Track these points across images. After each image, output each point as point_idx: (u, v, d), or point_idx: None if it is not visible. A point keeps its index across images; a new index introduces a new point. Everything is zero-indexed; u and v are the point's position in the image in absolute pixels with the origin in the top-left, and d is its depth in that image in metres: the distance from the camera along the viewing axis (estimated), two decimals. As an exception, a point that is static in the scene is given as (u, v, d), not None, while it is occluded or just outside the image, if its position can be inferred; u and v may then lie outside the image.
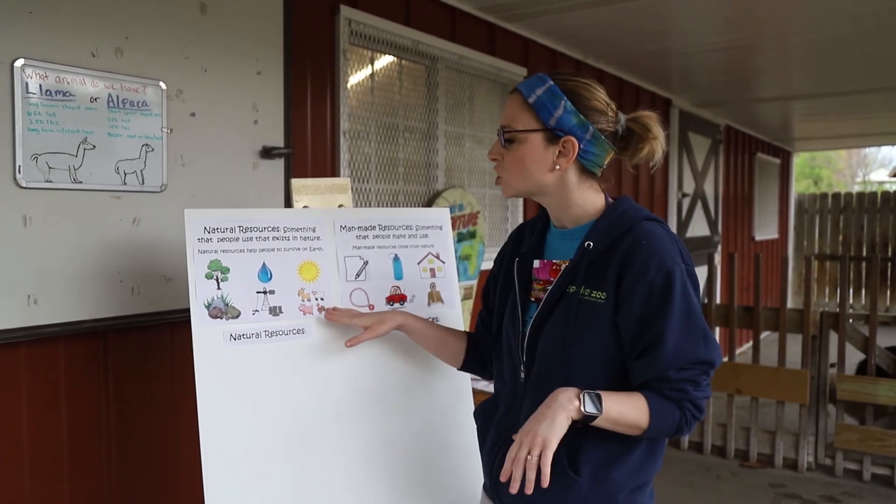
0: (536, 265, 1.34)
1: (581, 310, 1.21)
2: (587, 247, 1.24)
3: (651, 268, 1.17)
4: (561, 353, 1.23)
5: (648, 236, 1.20)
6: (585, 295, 1.22)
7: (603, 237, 1.23)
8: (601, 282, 1.21)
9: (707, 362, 1.18)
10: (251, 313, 1.66)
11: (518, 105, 1.27)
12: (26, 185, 1.74)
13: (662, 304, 1.16)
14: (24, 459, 1.81)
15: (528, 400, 1.29)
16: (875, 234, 10.06)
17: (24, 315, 1.76)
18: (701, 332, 1.18)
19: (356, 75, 2.83)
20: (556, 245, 1.34)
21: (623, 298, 1.18)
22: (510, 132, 1.27)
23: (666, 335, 1.15)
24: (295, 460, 1.64)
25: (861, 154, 23.76)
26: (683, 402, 1.18)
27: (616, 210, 1.27)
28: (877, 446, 3.78)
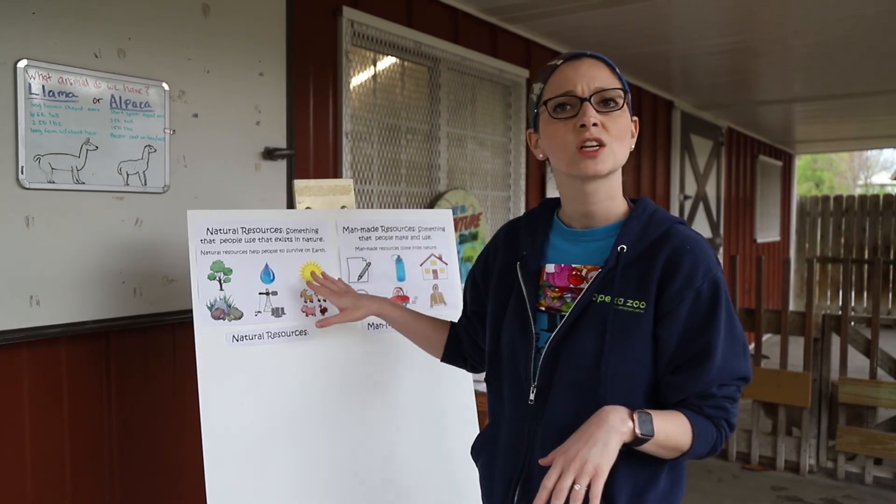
0: (551, 269, 1.19)
1: (617, 321, 1.08)
2: (621, 251, 1.11)
3: (698, 274, 1.07)
4: (595, 371, 1.08)
5: (692, 241, 1.11)
6: (620, 305, 1.09)
7: (637, 240, 1.12)
8: (640, 290, 1.09)
9: (745, 378, 1.11)
10: (254, 314, 1.66)
11: (608, 70, 1.13)
12: (29, 186, 1.74)
13: (710, 315, 1.07)
14: (25, 460, 1.81)
15: (543, 427, 1.14)
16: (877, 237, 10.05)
17: (26, 316, 1.76)
18: (742, 345, 1.11)
19: (358, 76, 2.83)
20: (567, 247, 1.20)
21: (667, 307, 1.07)
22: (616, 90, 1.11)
23: (714, 348, 1.06)
24: (297, 461, 1.64)
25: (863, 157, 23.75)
26: (721, 421, 1.10)
27: (645, 211, 1.16)
28: (878, 449, 3.77)
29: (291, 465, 1.63)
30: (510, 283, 1.24)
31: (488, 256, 1.33)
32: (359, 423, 1.72)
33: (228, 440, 1.58)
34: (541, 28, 3.72)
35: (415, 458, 1.77)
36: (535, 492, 1.09)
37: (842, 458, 3.92)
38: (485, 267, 1.33)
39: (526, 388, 1.16)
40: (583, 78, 1.11)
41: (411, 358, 1.83)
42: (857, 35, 3.91)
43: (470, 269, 1.40)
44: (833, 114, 6.80)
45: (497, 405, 1.25)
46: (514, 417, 1.19)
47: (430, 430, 1.80)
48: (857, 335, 4.00)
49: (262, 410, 1.62)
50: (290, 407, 1.66)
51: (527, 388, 1.16)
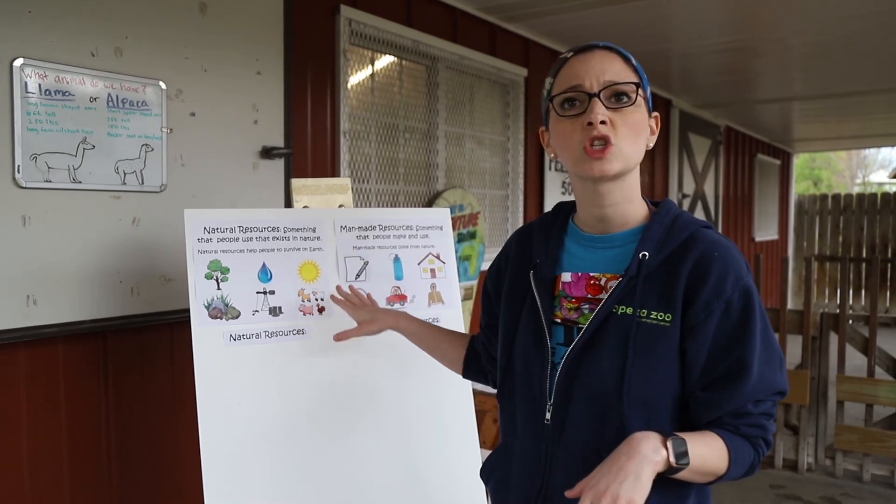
0: (567, 278, 1.10)
1: (640, 335, 1.00)
2: (643, 258, 1.02)
3: (728, 283, 0.99)
4: (618, 389, 1.00)
5: (720, 247, 1.02)
6: (643, 317, 1.00)
7: (660, 246, 1.03)
8: (665, 301, 1.00)
9: (782, 392, 1.02)
10: (251, 314, 1.65)
11: (622, 63, 1.05)
12: (26, 185, 1.73)
13: (742, 327, 0.99)
14: (23, 460, 1.81)
15: (563, 449, 1.05)
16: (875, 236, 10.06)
17: (23, 315, 1.75)
18: (778, 357, 1.02)
19: (356, 75, 2.82)
20: (584, 254, 1.11)
21: (695, 319, 0.99)
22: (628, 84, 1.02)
23: (749, 363, 0.98)
24: (294, 460, 1.64)
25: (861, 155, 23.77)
26: (758, 440, 1.01)
27: (669, 214, 1.07)
28: (877, 447, 3.77)
29: (289, 463, 1.63)
30: (523, 292, 1.14)
31: (500, 265, 1.24)
32: (356, 422, 1.72)
33: (226, 439, 1.57)
34: (539, 27, 3.72)
35: (413, 456, 1.77)
36: None
37: (840, 456, 3.93)
38: (497, 276, 1.24)
39: (542, 406, 1.08)
40: (592, 71, 1.02)
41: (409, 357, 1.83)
42: (856, 34, 3.91)
43: (484, 280, 1.31)
44: (832, 112, 6.80)
45: (510, 423, 1.16)
46: (529, 437, 1.10)
47: (428, 428, 1.80)
48: (856, 333, 4.00)
49: (260, 409, 1.62)
50: (287, 406, 1.65)
51: (542, 405, 1.08)
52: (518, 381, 1.13)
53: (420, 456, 1.78)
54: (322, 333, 1.72)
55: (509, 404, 1.15)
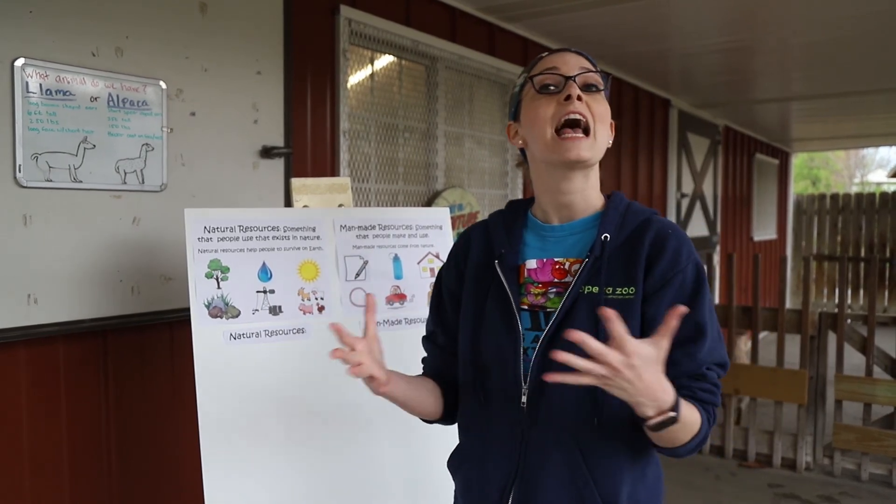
0: (533, 265, 1.15)
1: None
2: (605, 239, 1.10)
3: (683, 257, 1.08)
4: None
5: (673, 227, 1.12)
6: (610, 294, 1.07)
7: (618, 230, 1.12)
8: (628, 276, 1.08)
9: (726, 365, 1.10)
10: (251, 313, 1.66)
11: (587, 60, 1.14)
12: (26, 185, 1.74)
13: (697, 296, 1.07)
14: (23, 459, 1.81)
15: (538, 431, 1.09)
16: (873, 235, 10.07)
17: (24, 314, 1.76)
18: (719, 332, 1.11)
19: (356, 75, 2.83)
20: (543, 244, 1.17)
21: (653, 288, 1.07)
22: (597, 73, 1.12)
23: (706, 328, 1.06)
24: (294, 460, 1.64)
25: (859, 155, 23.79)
26: (710, 409, 1.06)
27: (621, 202, 1.17)
28: (875, 446, 3.78)
29: (288, 462, 1.64)
30: (486, 284, 1.17)
31: (458, 264, 1.25)
32: (356, 421, 1.73)
33: (226, 437, 1.58)
34: (539, 27, 3.72)
35: (413, 454, 1.77)
36: (531, 494, 1.09)
37: (838, 455, 3.94)
38: (457, 274, 1.24)
39: (517, 391, 1.11)
40: (569, 62, 1.12)
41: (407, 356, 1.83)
42: (855, 34, 3.92)
43: (434, 292, 1.30)
44: (830, 112, 6.81)
45: (481, 415, 1.17)
46: (504, 422, 1.13)
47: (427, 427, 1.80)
48: (854, 333, 4.01)
49: (260, 408, 1.63)
50: (287, 405, 1.66)
51: (518, 390, 1.11)
52: (490, 369, 1.14)
53: (421, 454, 1.78)
54: (322, 332, 1.72)
55: (482, 396, 1.15)
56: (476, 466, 1.18)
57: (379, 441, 1.74)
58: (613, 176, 4.88)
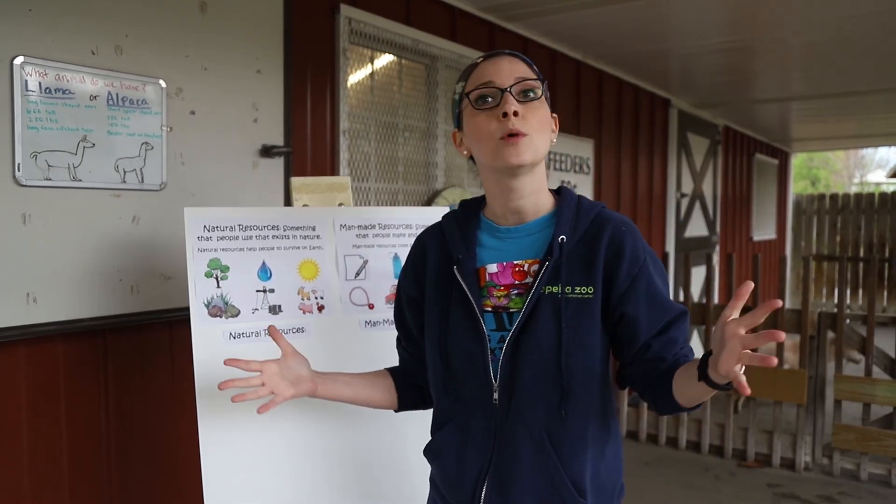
0: (494, 269, 1.18)
1: (570, 309, 1.12)
2: (562, 241, 1.14)
3: (640, 251, 1.15)
4: (557, 360, 1.11)
5: (625, 222, 1.17)
6: (569, 293, 1.12)
7: (573, 229, 1.15)
8: (587, 276, 1.13)
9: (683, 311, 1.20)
10: (251, 312, 1.66)
11: (526, 65, 1.16)
12: (25, 183, 1.73)
13: (662, 280, 1.16)
14: (23, 458, 1.81)
15: (511, 422, 1.15)
16: (872, 235, 10.07)
17: (23, 313, 1.76)
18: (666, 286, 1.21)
19: (356, 74, 2.82)
20: (500, 245, 1.20)
21: (622, 288, 1.12)
22: (533, 80, 1.14)
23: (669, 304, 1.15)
24: (293, 460, 1.64)
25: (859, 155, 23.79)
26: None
27: (571, 199, 1.20)
28: (874, 446, 3.78)
29: (288, 461, 1.63)
30: (448, 289, 1.21)
31: (416, 269, 1.29)
32: (356, 421, 1.72)
33: (225, 437, 1.58)
34: (539, 26, 3.72)
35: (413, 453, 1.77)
36: (504, 483, 1.16)
37: (837, 455, 3.94)
38: (415, 279, 1.28)
39: (488, 389, 1.16)
40: (503, 71, 1.13)
41: (409, 355, 1.83)
42: (855, 34, 3.92)
43: (396, 296, 1.36)
44: (830, 112, 6.81)
45: (451, 409, 1.23)
46: (477, 417, 1.19)
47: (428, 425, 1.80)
48: (853, 333, 4.01)
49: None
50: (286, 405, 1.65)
51: (489, 388, 1.16)
52: (459, 371, 1.19)
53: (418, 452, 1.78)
54: (322, 332, 1.72)
55: (454, 395, 1.21)
56: (452, 459, 1.23)
57: (380, 439, 1.74)
58: (614, 176, 4.88)
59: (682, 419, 4.37)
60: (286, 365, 1.28)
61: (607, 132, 4.76)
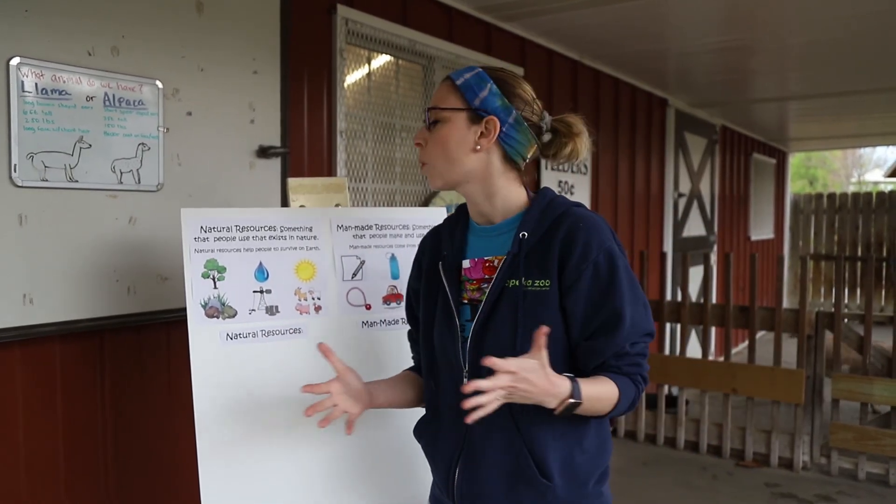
0: (467, 265, 1.29)
1: (527, 301, 1.19)
2: (523, 237, 1.22)
3: (593, 248, 1.17)
4: (513, 349, 1.18)
5: (584, 219, 1.21)
6: (529, 286, 1.20)
7: (536, 226, 1.22)
8: (543, 270, 1.19)
9: (651, 333, 1.22)
10: (248, 313, 1.66)
11: (446, 88, 1.26)
12: (22, 184, 1.73)
13: (612, 282, 1.17)
14: (19, 460, 1.81)
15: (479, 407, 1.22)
16: (870, 235, 10.09)
17: (20, 314, 1.75)
18: (643, 304, 1.21)
19: (353, 75, 2.82)
20: (481, 243, 1.30)
21: (569, 281, 1.18)
22: (435, 110, 1.25)
23: (623, 312, 1.17)
24: (291, 459, 1.64)
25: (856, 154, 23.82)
26: (637, 377, 1.20)
27: (544, 199, 1.26)
28: (871, 445, 3.79)
29: (285, 463, 1.63)
30: (436, 284, 1.33)
31: (420, 265, 1.41)
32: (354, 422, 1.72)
33: (222, 438, 1.58)
34: (536, 26, 3.72)
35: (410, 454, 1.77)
36: (475, 465, 1.25)
37: (835, 455, 3.94)
38: (417, 274, 1.41)
39: (459, 374, 1.26)
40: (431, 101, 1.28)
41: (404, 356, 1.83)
42: (852, 34, 3.92)
43: (407, 287, 1.47)
44: (828, 112, 6.82)
45: (435, 395, 1.34)
46: (453, 402, 1.24)
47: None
48: (851, 332, 4.02)
49: (256, 409, 1.62)
50: (284, 405, 1.66)
51: (459, 373, 1.26)
52: (439, 357, 1.31)
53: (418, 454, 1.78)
54: (319, 333, 1.72)
55: (432, 377, 1.34)
56: (430, 442, 1.35)
57: (377, 440, 1.74)
58: (611, 176, 4.88)
59: (679, 419, 4.38)
60: (345, 381, 1.33)
61: (605, 132, 4.77)
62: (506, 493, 1.22)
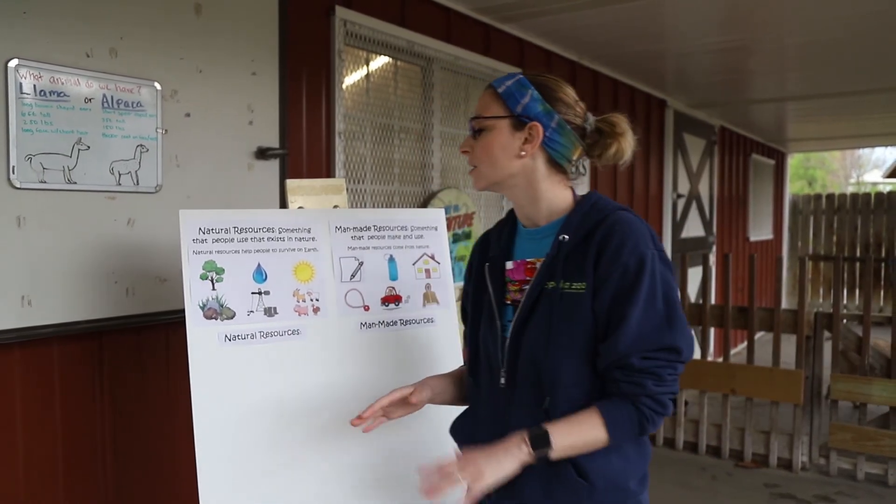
0: (510, 266, 1.32)
1: (563, 303, 1.20)
2: (562, 240, 1.23)
3: (625, 251, 1.17)
4: (545, 350, 1.20)
5: (622, 222, 1.21)
6: (566, 288, 1.21)
7: (577, 229, 1.23)
8: (580, 273, 1.20)
9: (672, 348, 1.15)
10: (246, 314, 1.66)
11: (489, 97, 1.29)
12: (20, 186, 1.73)
13: (632, 287, 1.15)
14: (18, 461, 1.80)
15: (515, 405, 1.26)
16: (869, 235, 10.10)
17: (18, 316, 1.75)
18: (664, 316, 1.15)
19: (351, 76, 2.83)
20: (527, 245, 1.33)
21: (599, 283, 1.18)
22: (479, 119, 1.28)
23: (629, 317, 1.14)
24: (289, 461, 1.64)
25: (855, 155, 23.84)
26: (640, 398, 1.15)
27: (587, 202, 1.27)
28: (870, 446, 3.79)
29: (283, 464, 1.63)
30: (482, 284, 1.37)
31: (472, 266, 1.46)
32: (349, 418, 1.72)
33: (221, 440, 1.58)
34: (534, 27, 3.72)
35: (409, 455, 1.77)
36: None
37: (834, 455, 3.95)
38: (468, 278, 1.46)
39: (497, 373, 1.29)
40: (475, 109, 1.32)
41: (402, 357, 1.84)
42: (851, 35, 3.93)
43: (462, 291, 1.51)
44: (826, 112, 6.82)
45: (476, 392, 1.38)
46: (490, 401, 1.32)
47: (424, 427, 1.80)
48: (849, 333, 4.02)
49: (255, 409, 1.62)
50: (282, 406, 1.66)
51: (497, 373, 1.29)
52: (481, 356, 1.35)
53: (416, 455, 1.78)
54: (317, 334, 1.72)
55: (475, 375, 1.38)
56: (466, 439, 1.37)
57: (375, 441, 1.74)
58: (610, 176, 4.89)
59: (678, 420, 4.38)
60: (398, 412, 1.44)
61: (603, 133, 4.76)
62: (543, 492, 1.22)
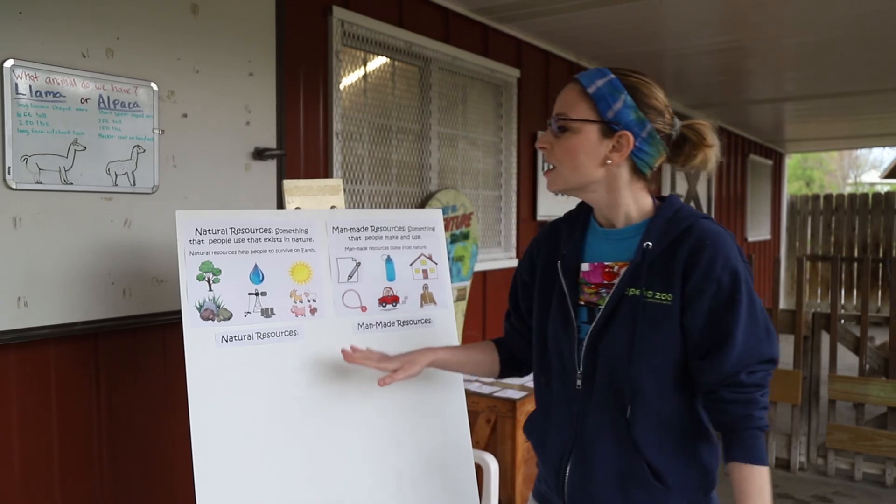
0: (586, 268, 1.28)
1: (646, 312, 1.18)
2: (647, 247, 1.20)
3: (718, 265, 1.15)
4: (628, 358, 1.18)
5: (712, 234, 1.18)
6: (649, 297, 1.18)
7: (662, 237, 1.20)
8: (666, 283, 1.17)
9: (772, 360, 1.17)
10: (243, 315, 1.65)
11: (576, 94, 1.22)
12: (16, 187, 1.73)
13: (730, 303, 1.14)
14: (14, 463, 1.80)
15: (592, 408, 1.25)
16: (866, 235, 10.11)
17: (14, 317, 1.75)
18: (764, 329, 1.16)
19: (349, 76, 2.82)
20: (602, 246, 1.29)
21: (690, 297, 1.15)
22: (565, 120, 1.22)
23: (735, 334, 1.13)
24: (286, 462, 1.64)
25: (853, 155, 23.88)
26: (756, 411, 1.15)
27: (670, 208, 1.24)
28: (868, 446, 3.79)
29: (281, 465, 1.63)
30: (552, 281, 1.33)
31: (533, 257, 1.41)
32: (348, 423, 1.72)
33: (218, 441, 1.57)
34: (532, 28, 3.72)
35: (406, 456, 1.77)
36: (586, 461, 1.25)
37: (832, 455, 3.95)
38: (531, 266, 1.41)
39: (573, 376, 1.27)
40: (558, 101, 1.25)
41: (402, 358, 1.83)
42: (848, 35, 3.93)
43: (514, 275, 1.48)
44: (824, 113, 6.84)
45: (546, 392, 1.35)
46: (563, 400, 1.30)
47: (421, 428, 1.80)
48: (847, 333, 4.02)
49: (252, 411, 1.62)
50: (279, 407, 1.65)
51: (573, 375, 1.27)
52: (552, 357, 1.32)
53: (414, 456, 1.78)
54: (314, 335, 1.72)
55: (546, 378, 1.34)
56: (542, 435, 1.36)
57: (373, 442, 1.73)
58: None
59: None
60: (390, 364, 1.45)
61: (601, 133, 4.77)
62: (619, 493, 1.21)
